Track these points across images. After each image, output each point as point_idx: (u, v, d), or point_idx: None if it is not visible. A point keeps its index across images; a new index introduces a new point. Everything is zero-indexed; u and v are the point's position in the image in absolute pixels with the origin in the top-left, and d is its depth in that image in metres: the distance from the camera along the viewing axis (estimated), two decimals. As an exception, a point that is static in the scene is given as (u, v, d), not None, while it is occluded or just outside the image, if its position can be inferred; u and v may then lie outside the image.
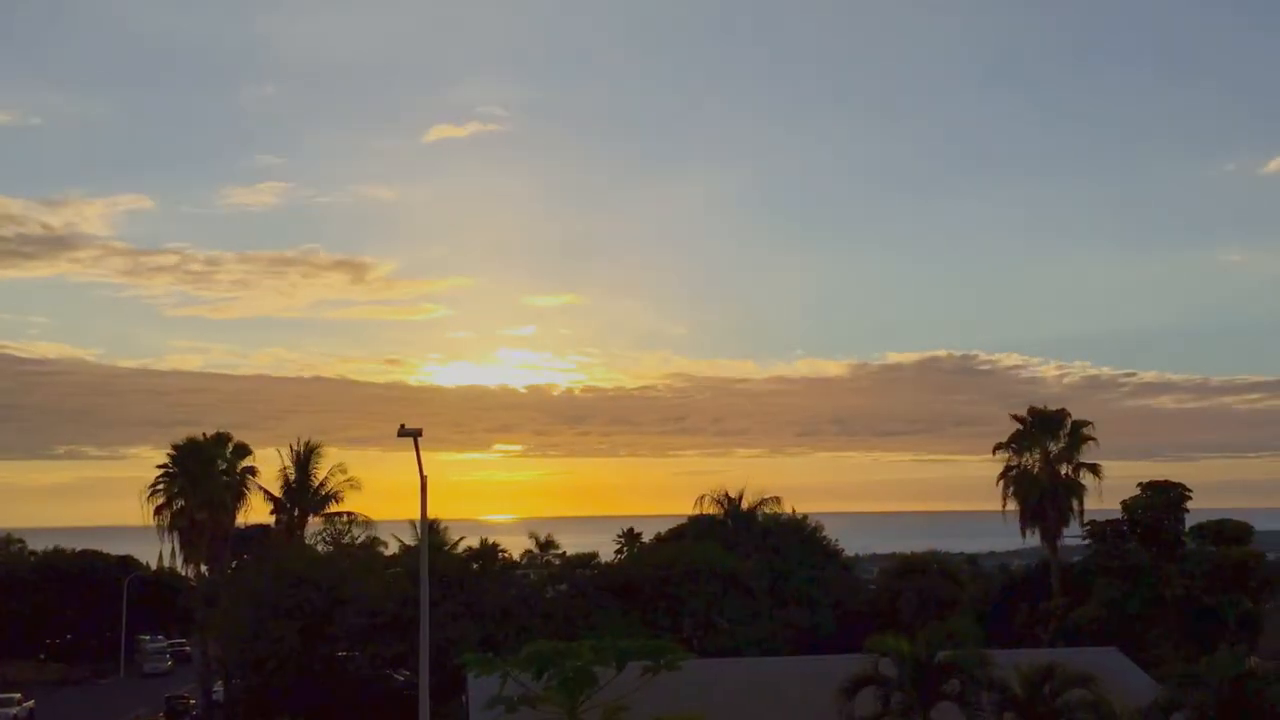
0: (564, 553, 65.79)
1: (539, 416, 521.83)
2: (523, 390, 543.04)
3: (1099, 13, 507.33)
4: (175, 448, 65.89)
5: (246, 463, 67.02)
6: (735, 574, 60.25)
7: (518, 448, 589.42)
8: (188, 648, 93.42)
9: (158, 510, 64.96)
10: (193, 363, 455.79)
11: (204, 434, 66.99)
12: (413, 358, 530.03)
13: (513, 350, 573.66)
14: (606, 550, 72.08)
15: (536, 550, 65.39)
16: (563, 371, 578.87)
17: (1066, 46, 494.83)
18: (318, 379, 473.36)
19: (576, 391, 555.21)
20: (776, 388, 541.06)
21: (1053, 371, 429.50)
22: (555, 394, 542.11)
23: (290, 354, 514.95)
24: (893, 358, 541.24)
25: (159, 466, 66.18)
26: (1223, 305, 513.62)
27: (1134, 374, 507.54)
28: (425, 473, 34.69)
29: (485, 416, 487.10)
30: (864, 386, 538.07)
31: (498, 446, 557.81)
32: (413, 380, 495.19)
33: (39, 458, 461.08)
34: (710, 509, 70.54)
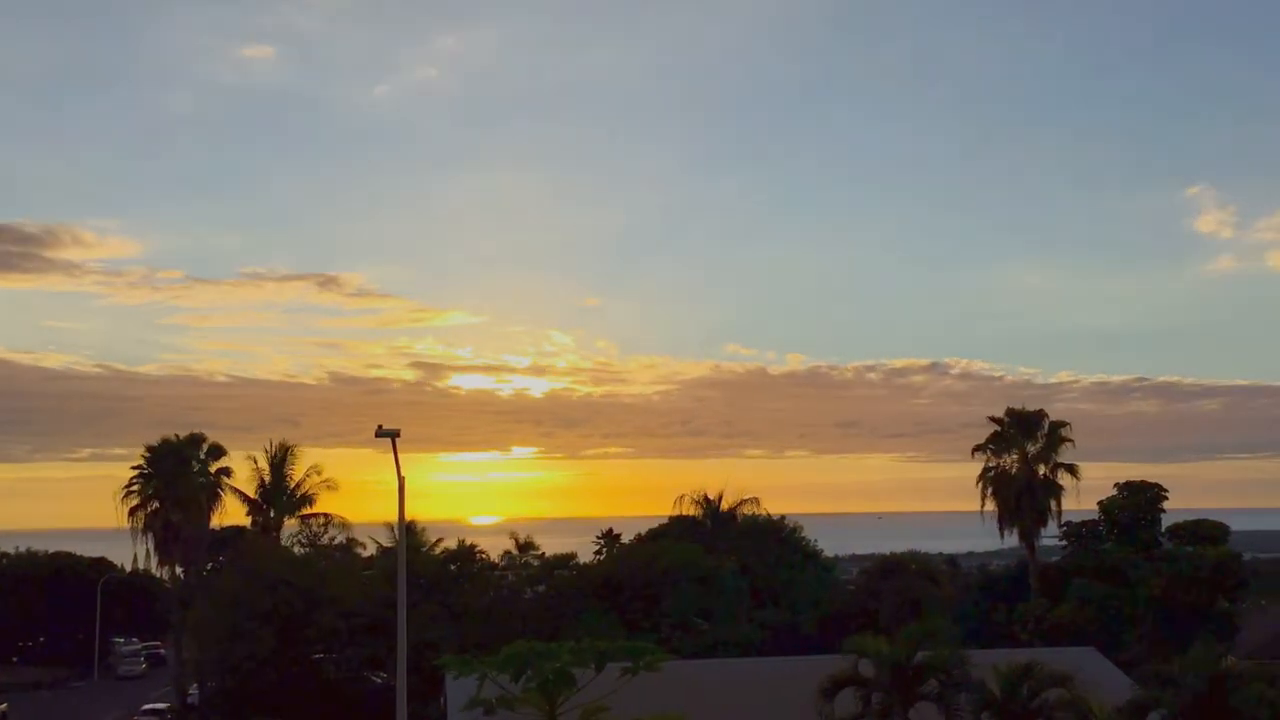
0: (543, 554, 65.59)
1: (550, 420, 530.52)
2: (539, 396, 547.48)
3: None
4: (149, 449, 65.18)
5: (221, 464, 66.41)
6: (714, 575, 60.17)
7: (531, 450, 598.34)
8: (162, 650, 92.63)
9: (132, 512, 64.29)
10: (219, 368, 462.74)
11: (176, 435, 66.33)
12: (434, 363, 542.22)
13: (525, 357, 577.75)
14: (587, 551, 71.97)
15: (515, 551, 65.19)
16: (574, 376, 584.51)
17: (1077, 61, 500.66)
18: (337, 384, 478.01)
19: (596, 395, 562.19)
20: (785, 391, 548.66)
21: (1065, 378, 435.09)
22: (571, 398, 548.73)
23: (315, 359, 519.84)
24: (899, 363, 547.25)
25: (133, 468, 65.53)
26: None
27: (1145, 379, 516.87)
28: (403, 474, 34.39)
29: (500, 420, 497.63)
30: (871, 390, 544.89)
31: (515, 449, 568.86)
32: (438, 385, 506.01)
33: (62, 460, 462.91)
34: (689, 510, 70.50)
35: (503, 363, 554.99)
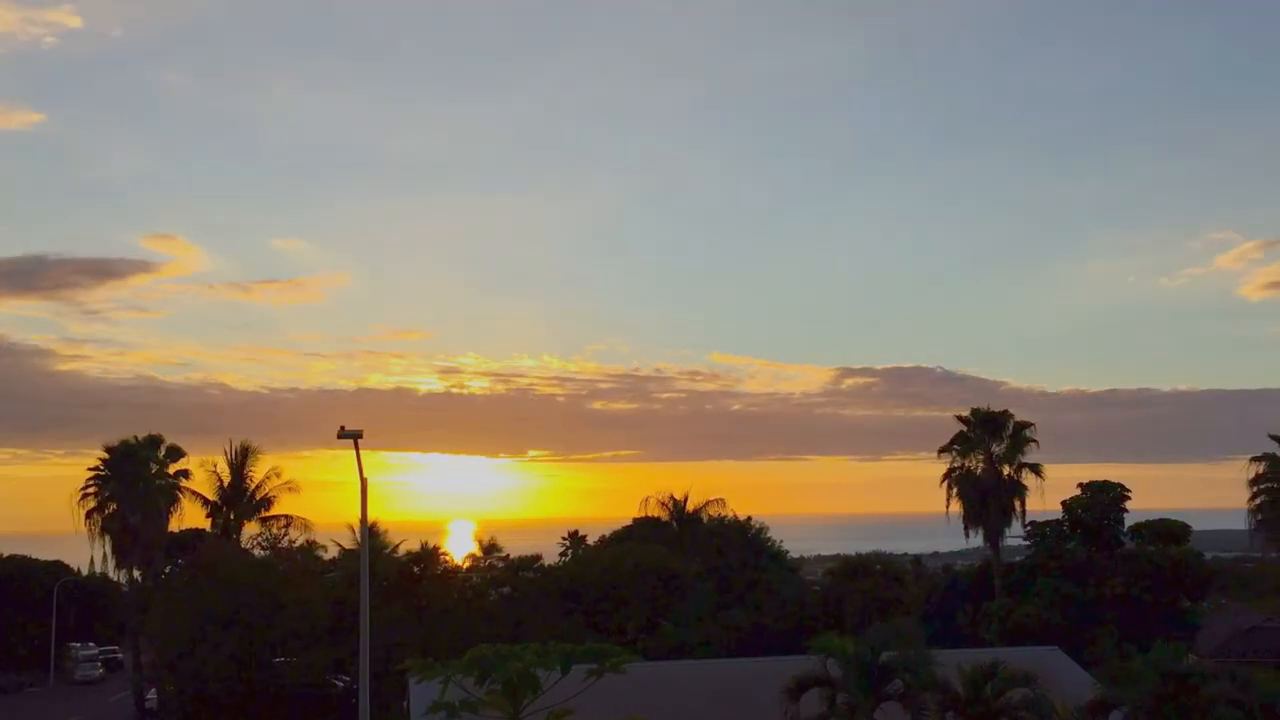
0: (506, 555, 65.24)
1: (564, 424, 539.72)
2: (560, 400, 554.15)
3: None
4: (107, 450, 64.03)
5: (180, 465, 65.36)
6: (679, 576, 60.07)
7: (542, 451, 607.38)
8: (120, 654, 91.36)
9: (89, 514, 63.11)
10: (250, 376, 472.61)
11: (135, 436, 65.17)
12: (454, 369, 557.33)
13: (535, 361, 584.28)
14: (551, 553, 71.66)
15: (480, 553, 64.80)
16: (590, 381, 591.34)
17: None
18: (363, 391, 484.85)
19: (604, 402, 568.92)
20: (798, 397, 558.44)
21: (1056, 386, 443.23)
22: (583, 405, 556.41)
23: (345, 369, 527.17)
24: (903, 368, 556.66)
25: (90, 469, 64.36)
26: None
27: (1150, 389, 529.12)
28: (365, 476, 33.96)
29: (519, 424, 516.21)
30: (877, 396, 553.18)
31: (531, 453, 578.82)
32: (464, 390, 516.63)
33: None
34: (655, 511, 70.28)
35: (518, 370, 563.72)
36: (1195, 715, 26.29)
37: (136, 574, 65.70)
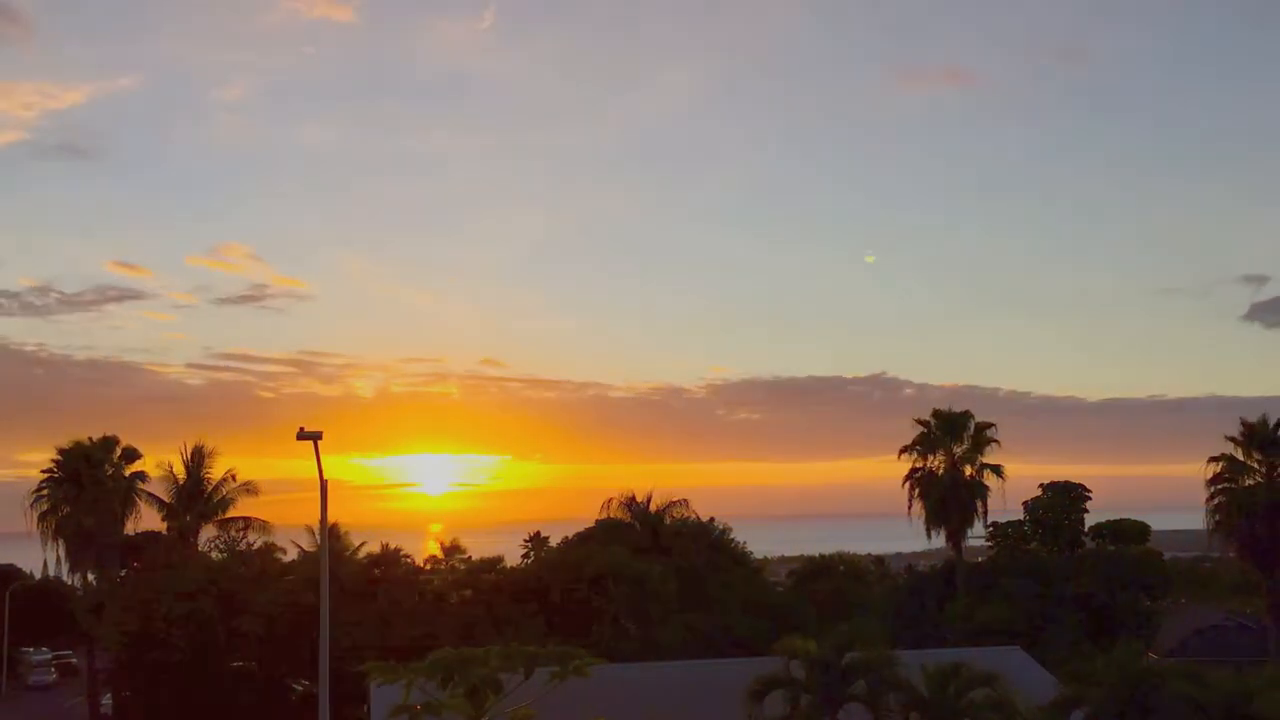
0: (469, 557, 64.82)
1: (567, 427, 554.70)
2: (566, 404, 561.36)
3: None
4: (60, 452, 62.80)
5: (136, 467, 64.21)
6: (643, 578, 59.84)
7: (546, 453, 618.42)
8: (73, 659, 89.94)
9: (42, 517, 61.89)
10: (281, 384, 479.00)
11: (90, 438, 63.94)
12: (476, 374, 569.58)
13: (550, 368, 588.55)
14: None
15: (440, 555, 64.36)
16: (610, 384, 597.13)
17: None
18: (381, 397, 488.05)
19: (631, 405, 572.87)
20: (811, 402, 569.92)
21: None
22: (616, 408, 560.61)
23: (377, 367, 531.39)
24: (895, 374, 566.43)
25: (43, 471, 63.13)
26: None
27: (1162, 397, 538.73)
28: (326, 477, 33.54)
29: (539, 428, 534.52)
30: (864, 401, 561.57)
31: (537, 455, 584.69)
32: (506, 391, 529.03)
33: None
34: (618, 513, 69.92)
35: (534, 375, 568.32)
36: (1155, 714, 26.46)
37: (91, 577, 64.55)
